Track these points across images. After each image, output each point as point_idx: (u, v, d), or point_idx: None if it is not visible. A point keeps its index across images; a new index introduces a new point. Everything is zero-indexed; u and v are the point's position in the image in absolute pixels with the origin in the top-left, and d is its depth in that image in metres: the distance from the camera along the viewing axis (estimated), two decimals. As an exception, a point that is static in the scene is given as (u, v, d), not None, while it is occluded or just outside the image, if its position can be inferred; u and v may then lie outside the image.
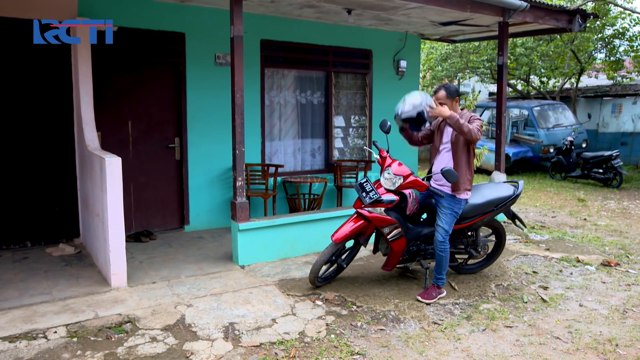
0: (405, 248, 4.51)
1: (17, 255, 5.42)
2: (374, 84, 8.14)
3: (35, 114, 5.66)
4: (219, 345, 3.54)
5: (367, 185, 4.37)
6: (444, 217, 4.41)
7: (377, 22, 7.51)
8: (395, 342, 3.66)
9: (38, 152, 5.69)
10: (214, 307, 4.13)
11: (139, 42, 6.10)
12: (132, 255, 5.37)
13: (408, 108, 4.35)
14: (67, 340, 3.53)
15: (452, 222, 4.44)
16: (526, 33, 8.34)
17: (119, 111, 6.12)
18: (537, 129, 13.39)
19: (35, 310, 3.99)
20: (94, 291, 4.41)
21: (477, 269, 5.07)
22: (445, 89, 4.40)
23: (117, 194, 4.41)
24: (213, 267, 5.12)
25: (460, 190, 4.38)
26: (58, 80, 5.72)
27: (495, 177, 7.11)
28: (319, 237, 5.55)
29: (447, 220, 4.40)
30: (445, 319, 4.05)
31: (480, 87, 21.91)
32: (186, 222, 6.60)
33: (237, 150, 5.07)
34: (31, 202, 5.69)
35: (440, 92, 4.40)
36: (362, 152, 8.22)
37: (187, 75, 6.44)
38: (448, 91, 4.39)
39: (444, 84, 4.50)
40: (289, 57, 7.33)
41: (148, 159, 6.35)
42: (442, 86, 4.46)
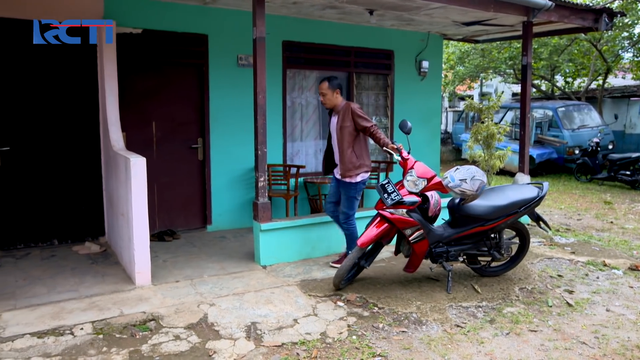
0: (428, 250, 4.49)
1: (45, 253, 5.54)
2: (396, 85, 8.10)
3: (63, 115, 5.78)
4: (241, 344, 3.56)
5: (389, 187, 4.36)
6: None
7: (399, 23, 7.48)
8: (418, 345, 3.64)
9: (65, 152, 5.81)
10: (236, 306, 4.16)
11: (162, 43, 6.18)
12: (156, 254, 5.44)
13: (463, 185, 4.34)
14: (93, 337, 3.60)
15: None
16: (551, 33, 8.21)
17: (144, 112, 6.21)
18: (562, 130, 13.18)
19: (63, 307, 4.07)
20: (119, 289, 4.49)
21: (501, 271, 5.01)
22: (327, 81, 4.94)
23: (141, 194, 4.48)
24: (235, 266, 5.16)
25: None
26: (84, 82, 5.84)
27: (519, 178, 7.02)
28: (340, 237, 5.54)
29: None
30: (468, 322, 4.02)
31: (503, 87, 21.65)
32: (209, 222, 6.66)
33: (260, 150, 5.10)
34: (58, 201, 5.82)
35: (323, 83, 4.95)
36: (382, 153, 8.19)
37: (209, 77, 6.51)
38: (330, 83, 4.93)
39: (328, 76, 5.06)
40: (310, 58, 7.34)
41: (172, 159, 6.43)
42: (325, 78, 5.00)
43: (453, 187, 4.31)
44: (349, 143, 4.90)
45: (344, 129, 4.90)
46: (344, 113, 4.92)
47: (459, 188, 4.30)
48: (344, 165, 4.91)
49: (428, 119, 8.49)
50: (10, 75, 5.50)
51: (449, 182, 4.32)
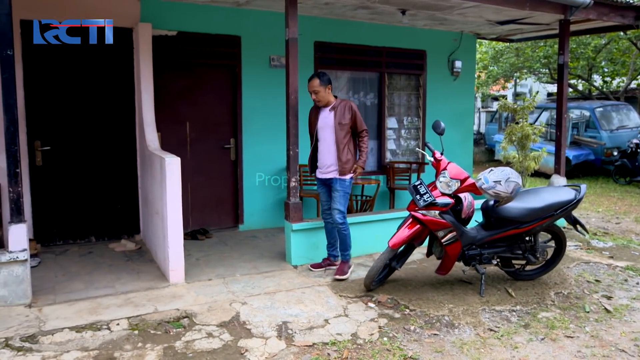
0: (461, 252, 4.43)
1: (83, 250, 5.70)
2: (428, 85, 8.03)
3: (101, 116, 5.94)
4: (273, 343, 3.59)
5: (422, 188, 4.32)
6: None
7: (432, 22, 7.41)
8: (450, 348, 3.60)
9: (103, 151, 5.97)
10: (267, 305, 4.20)
11: (196, 45, 6.28)
12: (189, 252, 5.53)
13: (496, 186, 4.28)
14: (128, 332, 3.68)
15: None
16: (589, 31, 8.01)
17: (178, 112, 6.32)
18: (600, 130, 12.81)
19: (100, 302, 4.18)
20: (154, 286, 4.58)
21: (535, 275, 4.90)
22: (318, 77, 4.81)
23: (176, 193, 4.56)
24: (267, 266, 5.20)
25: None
26: (122, 83, 5.98)
27: (555, 180, 6.87)
28: (371, 238, 5.54)
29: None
30: (502, 326, 3.95)
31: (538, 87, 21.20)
32: (240, 222, 6.73)
33: (291, 151, 5.13)
34: (96, 199, 5.97)
35: (314, 80, 4.81)
36: (414, 153, 8.13)
37: (242, 77, 6.58)
38: (321, 79, 4.80)
39: (317, 72, 4.92)
40: (342, 58, 7.34)
41: (205, 159, 6.52)
42: (315, 74, 4.87)
43: (487, 189, 4.24)
44: (346, 140, 4.86)
45: (342, 126, 4.83)
46: (342, 110, 4.85)
47: (493, 190, 4.23)
48: (342, 162, 4.85)
49: (460, 120, 8.38)
50: (51, 77, 5.68)
51: (482, 184, 4.26)
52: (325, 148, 4.95)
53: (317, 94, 4.85)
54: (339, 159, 4.86)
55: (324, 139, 4.95)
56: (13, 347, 3.41)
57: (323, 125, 4.94)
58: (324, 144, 4.95)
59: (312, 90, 4.86)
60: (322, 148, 4.97)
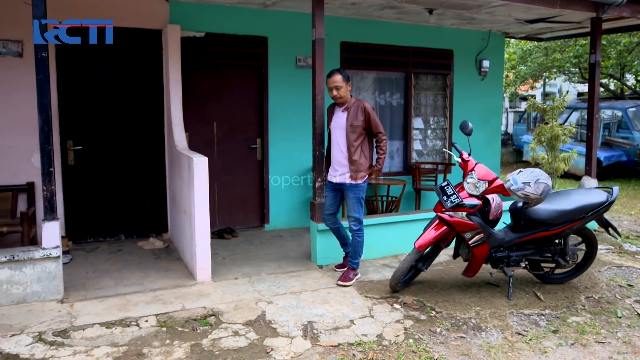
0: (488, 254, 4.37)
1: (113, 247, 5.82)
2: (455, 85, 7.94)
3: (131, 116, 6.06)
4: (298, 343, 3.60)
5: (449, 189, 4.28)
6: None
7: (459, 22, 7.33)
8: (477, 351, 3.56)
9: (132, 151, 6.08)
10: (293, 305, 4.21)
11: (224, 46, 6.35)
12: (216, 251, 5.59)
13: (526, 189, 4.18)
14: (157, 329, 3.74)
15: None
16: (622, 29, 7.82)
17: (205, 112, 6.40)
18: (632, 131, 12.47)
19: (129, 299, 4.26)
20: (181, 284, 4.64)
21: (565, 279, 4.81)
22: (339, 72, 4.66)
23: (203, 192, 4.61)
24: (292, 266, 5.22)
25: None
26: (150, 84, 6.09)
27: (586, 182, 6.72)
28: (397, 239, 5.51)
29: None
30: (530, 330, 3.88)
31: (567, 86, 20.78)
32: (266, 221, 6.78)
33: (317, 151, 5.14)
34: (125, 197, 6.09)
35: (336, 75, 4.64)
36: (440, 154, 8.06)
37: (269, 78, 6.62)
38: (342, 74, 4.65)
39: (337, 68, 4.77)
40: (368, 58, 7.32)
41: (231, 158, 6.59)
42: (336, 69, 4.72)
43: (516, 191, 4.18)
44: (359, 143, 4.65)
45: (355, 128, 4.62)
46: (355, 110, 4.64)
47: (522, 191, 4.16)
48: (355, 166, 4.64)
49: (488, 120, 8.27)
50: (82, 78, 5.81)
51: (511, 185, 4.19)
52: (337, 150, 4.76)
53: (339, 90, 4.63)
54: (351, 163, 4.66)
55: (336, 141, 4.76)
56: (46, 342, 3.50)
57: (335, 125, 4.77)
58: (336, 145, 4.77)
59: (334, 86, 4.63)
60: (334, 150, 4.79)
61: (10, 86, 5.37)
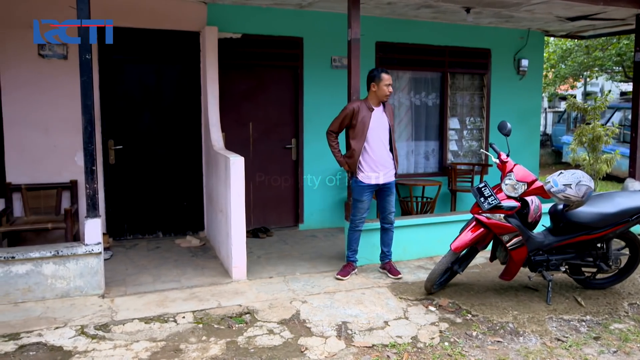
0: (526, 257, 4.28)
1: (151, 244, 5.96)
2: (492, 85, 7.81)
3: (169, 116, 6.19)
4: (332, 342, 3.61)
5: (486, 190, 4.21)
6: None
7: (497, 20, 7.20)
8: (514, 356, 3.49)
9: (170, 151, 6.21)
10: (327, 305, 4.22)
11: (260, 47, 6.41)
12: (251, 250, 5.65)
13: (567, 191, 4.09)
14: (193, 325, 3.81)
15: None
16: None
17: (241, 113, 6.48)
18: (680, 132, 11.97)
19: (167, 295, 4.36)
20: (217, 282, 4.71)
21: (607, 284, 4.66)
22: (387, 72, 4.76)
23: (239, 192, 4.67)
24: (326, 265, 5.23)
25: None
26: (188, 86, 6.20)
27: (630, 184, 6.49)
28: (432, 241, 5.46)
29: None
30: (570, 336, 3.79)
31: (609, 86, 20.14)
32: (300, 221, 6.81)
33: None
34: (163, 196, 6.23)
35: (389, 74, 4.74)
36: (476, 155, 7.93)
37: (304, 78, 6.65)
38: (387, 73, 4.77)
39: (380, 68, 4.86)
40: (403, 58, 7.27)
41: (267, 158, 6.65)
42: (383, 70, 4.77)
43: (556, 193, 4.07)
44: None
45: (392, 127, 4.88)
46: (390, 110, 4.93)
47: (562, 194, 4.06)
48: (397, 164, 4.94)
49: (526, 120, 8.09)
50: (123, 79, 5.97)
51: (551, 187, 4.09)
52: (382, 150, 4.76)
53: (390, 87, 4.78)
54: (395, 161, 4.92)
55: (380, 141, 4.75)
56: (88, 335, 3.61)
57: (378, 126, 4.74)
58: (380, 145, 4.75)
59: (390, 84, 4.76)
60: (378, 150, 4.74)
61: (56, 87, 5.56)
